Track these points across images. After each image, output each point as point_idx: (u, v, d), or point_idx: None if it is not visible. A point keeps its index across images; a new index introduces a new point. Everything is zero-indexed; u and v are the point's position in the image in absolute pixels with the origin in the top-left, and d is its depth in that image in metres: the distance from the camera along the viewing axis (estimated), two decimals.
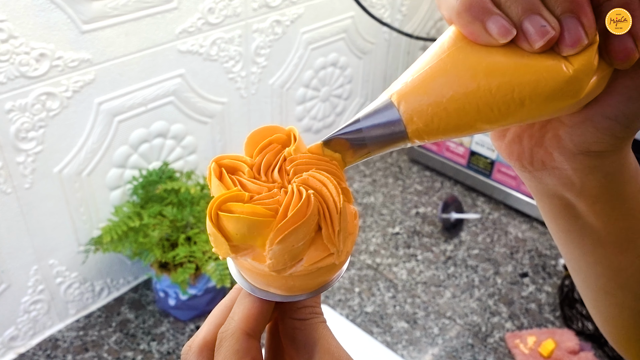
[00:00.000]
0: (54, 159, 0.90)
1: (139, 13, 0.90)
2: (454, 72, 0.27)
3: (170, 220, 0.98)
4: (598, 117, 0.29)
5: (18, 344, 1.01)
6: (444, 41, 0.28)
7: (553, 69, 0.26)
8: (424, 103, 0.27)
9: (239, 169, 0.30)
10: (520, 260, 1.26)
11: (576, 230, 0.35)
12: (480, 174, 1.41)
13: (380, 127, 0.28)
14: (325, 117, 1.39)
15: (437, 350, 1.05)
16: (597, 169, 0.31)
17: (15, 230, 0.91)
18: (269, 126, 0.31)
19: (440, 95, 0.27)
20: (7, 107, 0.81)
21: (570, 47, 0.25)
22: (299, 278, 0.28)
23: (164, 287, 1.04)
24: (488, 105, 0.27)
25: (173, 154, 1.08)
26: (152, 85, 0.97)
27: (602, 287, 0.37)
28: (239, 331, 0.29)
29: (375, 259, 1.24)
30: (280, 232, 0.26)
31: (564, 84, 0.26)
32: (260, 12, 1.08)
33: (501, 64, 0.26)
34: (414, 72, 0.28)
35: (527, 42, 0.26)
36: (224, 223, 0.27)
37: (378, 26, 1.36)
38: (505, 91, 0.26)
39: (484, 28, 0.26)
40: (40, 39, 0.80)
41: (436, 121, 0.27)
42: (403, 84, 0.28)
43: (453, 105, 0.27)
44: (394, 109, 0.28)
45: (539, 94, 0.26)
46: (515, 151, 0.34)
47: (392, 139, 0.28)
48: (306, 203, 0.27)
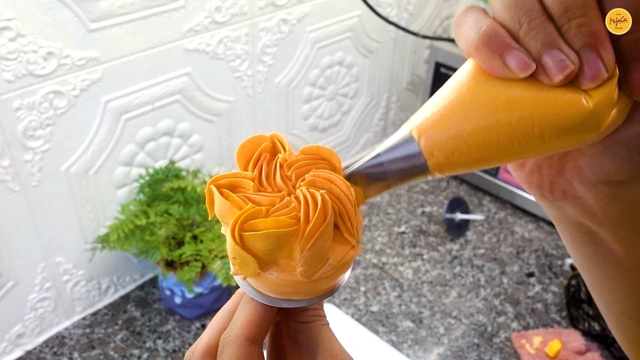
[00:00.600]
0: (61, 157, 0.90)
1: (146, 12, 0.90)
2: (473, 106, 0.27)
3: (176, 218, 0.98)
4: (618, 148, 0.29)
5: (25, 341, 1.02)
6: (463, 74, 0.28)
7: (573, 103, 0.26)
8: (444, 137, 0.27)
9: (240, 186, 0.29)
10: (526, 260, 1.25)
11: (599, 258, 0.35)
12: (487, 173, 1.41)
13: (401, 161, 0.29)
14: (331, 116, 1.39)
15: (442, 349, 1.05)
16: (618, 198, 0.31)
17: (22, 228, 0.91)
18: (254, 137, 0.31)
19: (460, 129, 0.27)
20: (15, 105, 0.81)
21: (590, 81, 0.25)
22: (325, 280, 0.29)
23: (170, 285, 1.04)
24: (508, 139, 0.27)
25: (179, 153, 1.09)
26: (158, 83, 0.98)
27: (627, 313, 0.37)
28: (241, 337, 0.29)
29: (381, 258, 1.24)
30: (309, 238, 0.26)
31: (584, 117, 0.26)
32: (267, 11, 1.08)
33: (521, 98, 0.26)
34: (434, 105, 0.28)
35: (547, 76, 0.26)
36: (251, 243, 0.26)
37: (384, 25, 1.35)
38: (526, 124, 0.26)
39: (503, 62, 0.26)
40: (48, 38, 0.81)
41: (457, 155, 0.27)
42: (423, 118, 0.28)
43: (473, 139, 0.27)
44: (414, 143, 0.28)
45: (559, 127, 0.26)
46: (535, 181, 0.34)
47: (413, 172, 0.29)
48: (323, 204, 0.27)
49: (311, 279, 0.28)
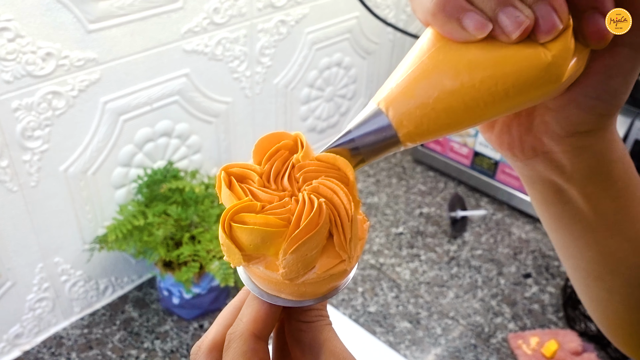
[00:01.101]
0: (59, 157, 0.91)
1: (145, 13, 0.90)
2: (436, 72, 0.27)
3: (174, 219, 0.98)
4: (581, 98, 0.30)
5: (23, 342, 1.02)
6: (423, 44, 0.28)
7: (532, 57, 0.26)
8: (411, 106, 0.28)
9: (249, 178, 0.30)
10: (523, 260, 1.26)
11: (567, 216, 0.36)
12: (484, 174, 1.41)
13: (372, 134, 0.29)
14: (329, 117, 1.39)
15: (439, 350, 1.05)
16: (585, 150, 0.32)
17: (20, 228, 0.91)
18: (276, 132, 0.31)
19: (426, 96, 0.27)
20: (14, 105, 0.81)
21: (545, 33, 0.26)
22: (310, 285, 0.29)
23: (168, 286, 1.04)
24: (474, 100, 0.27)
25: (178, 153, 1.09)
26: (157, 84, 0.98)
27: (592, 272, 0.38)
28: (247, 332, 0.29)
29: (379, 259, 1.24)
30: (293, 242, 0.26)
31: (544, 70, 0.26)
32: (265, 12, 1.08)
33: (481, 59, 0.27)
34: (398, 77, 0.29)
35: (504, 34, 0.26)
36: (237, 234, 0.27)
37: (382, 26, 1.36)
38: (489, 84, 0.27)
39: (460, 25, 0.26)
40: (46, 38, 0.81)
41: (425, 122, 0.28)
42: (389, 90, 0.28)
43: (440, 104, 0.27)
44: (382, 116, 0.28)
45: (521, 82, 0.27)
46: (506, 141, 0.35)
47: (385, 144, 0.29)
48: (318, 212, 0.27)
49: (293, 282, 0.28)
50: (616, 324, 0.39)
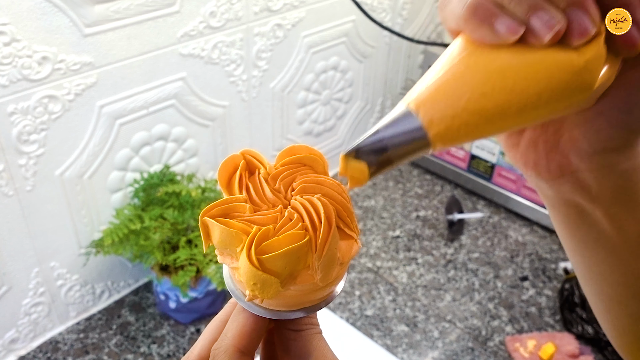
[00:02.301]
0: (55, 161, 0.90)
1: (141, 17, 0.90)
2: (468, 74, 0.27)
3: (171, 223, 0.98)
4: (611, 112, 0.29)
5: (19, 347, 1.01)
6: (454, 49, 0.28)
7: (564, 61, 0.26)
8: (443, 107, 0.27)
9: (235, 210, 0.29)
10: (520, 263, 1.26)
11: (591, 239, 0.35)
12: (481, 177, 1.42)
13: (401, 135, 0.28)
14: (326, 121, 1.39)
15: (437, 353, 1.05)
16: (613, 169, 0.31)
17: (16, 232, 0.91)
18: (228, 158, 0.30)
19: (458, 98, 0.27)
20: (10, 109, 0.81)
21: (578, 37, 0.26)
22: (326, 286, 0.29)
23: (165, 290, 1.04)
24: (506, 103, 0.27)
25: (174, 157, 1.09)
26: (153, 88, 0.98)
27: (615, 297, 0.37)
28: (231, 348, 0.29)
29: (376, 262, 1.24)
30: (322, 244, 0.27)
31: (577, 75, 0.26)
32: (261, 16, 1.08)
33: (513, 62, 0.27)
34: (428, 80, 0.28)
35: (536, 37, 0.26)
36: (271, 264, 0.26)
37: (379, 30, 1.36)
38: (521, 87, 0.26)
39: (492, 29, 0.26)
40: (42, 42, 0.81)
41: (457, 124, 0.27)
42: (419, 92, 0.28)
43: (472, 106, 0.27)
44: (413, 117, 0.28)
45: (553, 87, 0.26)
46: (532, 159, 0.34)
47: (415, 146, 0.28)
48: (325, 208, 0.27)
49: (328, 282, 0.28)
50: (638, 349, 0.38)
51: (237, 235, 0.27)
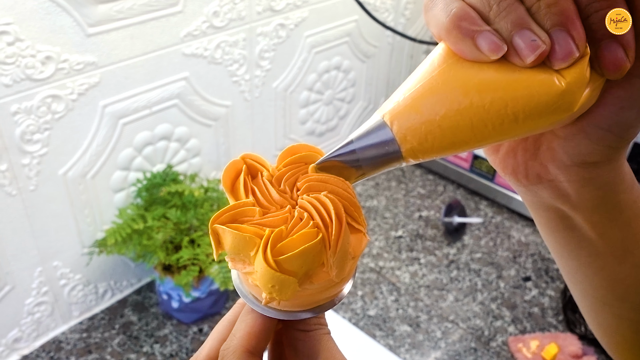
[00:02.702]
0: (58, 161, 0.90)
1: (144, 16, 0.90)
2: (445, 89, 0.27)
3: (174, 222, 0.98)
4: (591, 128, 0.29)
5: (21, 346, 1.01)
6: (434, 58, 0.28)
7: (545, 83, 0.25)
8: (417, 122, 0.27)
9: (245, 215, 0.29)
10: (523, 264, 1.26)
11: (573, 243, 0.35)
12: (483, 177, 1.41)
13: (374, 147, 0.28)
14: (328, 121, 1.39)
15: (439, 354, 1.05)
16: (592, 181, 0.31)
17: (19, 232, 0.91)
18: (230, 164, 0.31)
19: (433, 113, 0.27)
20: (13, 109, 0.81)
21: (561, 60, 0.25)
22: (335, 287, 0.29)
23: (168, 290, 1.04)
24: (482, 122, 0.26)
25: (177, 157, 1.09)
26: (156, 88, 0.98)
27: (600, 299, 0.37)
28: (240, 349, 0.29)
29: (378, 263, 1.24)
30: (335, 240, 0.27)
31: (557, 97, 0.26)
32: (264, 16, 1.08)
33: (493, 80, 0.26)
34: (405, 90, 0.28)
35: (519, 57, 0.25)
36: (288, 264, 0.26)
37: (381, 30, 1.36)
38: (499, 107, 0.26)
39: (474, 45, 0.26)
40: (46, 42, 0.81)
41: (430, 139, 0.27)
42: (395, 103, 0.28)
43: (446, 122, 0.26)
44: (387, 129, 0.27)
45: (532, 108, 0.26)
46: (510, 165, 0.34)
47: (387, 159, 0.28)
48: (334, 205, 0.27)
49: (342, 277, 0.28)
50: (625, 349, 0.38)
51: (250, 239, 0.27)
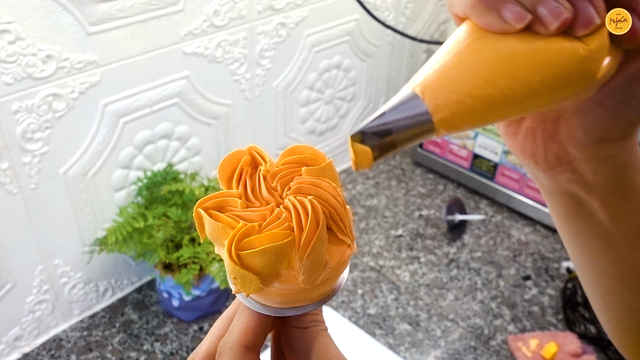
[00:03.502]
0: (59, 159, 0.91)
1: (145, 15, 0.90)
2: (475, 60, 0.27)
3: (174, 221, 0.98)
4: (610, 102, 0.30)
5: (22, 344, 1.02)
6: (460, 35, 0.28)
7: (570, 50, 0.26)
8: (449, 92, 0.27)
9: (228, 205, 0.29)
10: (523, 263, 1.26)
11: (587, 230, 0.36)
12: (484, 176, 1.42)
13: (407, 119, 0.28)
14: (329, 120, 1.40)
15: (439, 352, 1.05)
16: (609, 160, 0.32)
17: (20, 230, 0.91)
18: (232, 153, 0.31)
19: (463, 83, 0.27)
20: (14, 108, 0.81)
21: (583, 27, 0.26)
22: (324, 283, 0.29)
23: (168, 288, 1.04)
24: (511, 89, 0.27)
25: (178, 156, 1.09)
26: (157, 86, 0.98)
27: (612, 289, 0.37)
28: (237, 344, 0.29)
29: (378, 261, 1.24)
30: (305, 246, 0.26)
31: (581, 64, 0.27)
32: (265, 15, 1.08)
33: (519, 50, 0.27)
34: (434, 64, 0.28)
35: (543, 25, 0.26)
36: (249, 260, 0.27)
37: (382, 29, 1.36)
38: (526, 74, 0.27)
39: (499, 16, 0.26)
40: (47, 41, 0.81)
41: (462, 108, 0.27)
42: (425, 76, 0.28)
43: (477, 92, 0.27)
44: (419, 100, 0.28)
45: (557, 75, 0.27)
46: (529, 148, 0.34)
47: (420, 130, 0.28)
48: (314, 210, 0.27)
49: (313, 284, 0.28)
50: (635, 342, 0.39)
51: (223, 229, 0.27)
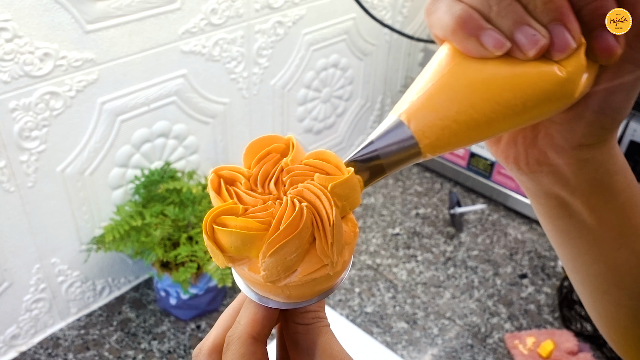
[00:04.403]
0: (57, 158, 0.90)
1: (143, 13, 0.90)
2: (457, 86, 0.28)
3: (172, 219, 0.98)
4: (586, 112, 0.31)
5: (19, 343, 1.01)
6: (441, 58, 0.29)
7: (548, 73, 0.28)
8: (433, 118, 0.29)
9: (237, 180, 0.30)
10: (519, 261, 1.26)
11: (572, 230, 0.37)
12: (480, 175, 1.42)
13: (394, 145, 0.29)
14: (326, 118, 1.40)
15: (436, 350, 1.05)
16: (588, 162, 0.33)
17: (17, 228, 0.91)
18: (268, 136, 0.31)
19: (447, 109, 0.28)
20: (11, 106, 0.81)
21: (560, 52, 0.27)
22: (295, 288, 0.29)
23: (165, 287, 1.04)
24: (494, 113, 0.28)
25: (175, 154, 1.09)
26: (154, 85, 0.98)
27: (599, 287, 0.38)
28: (245, 335, 0.30)
29: (376, 260, 1.24)
30: (272, 245, 0.26)
31: (560, 86, 0.28)
32: (262, 13, 1.08)
33: (500, 74, 0.28)
34: (418, 90, 0.29)
35: (521, 51, 0.27)
36: (219, 236, 0.27)
37: (379, 28, 1.36)
38: (508, 98, 0.28)
39: (479, 43, 0.27)
40: (44, 39, 0.81)
41: (447, 133, 0.29)
42: (409, 102, 0.29)
43: (461, 117, 0.28)
44: (404, 127, 0.29)
45: (538, 97, 0.28)
46: (512, 155, 0.36)
47: (407, 156, 0.30)
48: (299, 216, 0.27)
49: (275, 284, 0.28)
50: (626, 338, 0.39)
51: (216, 200, 0.28)
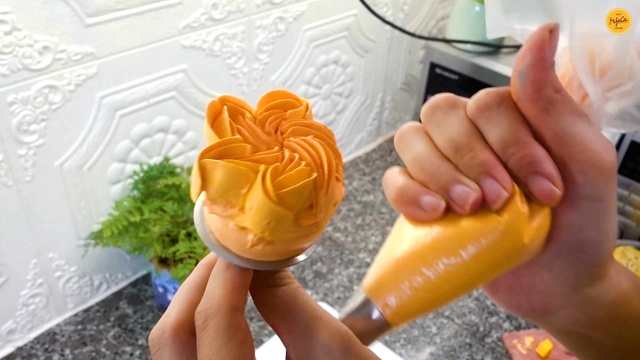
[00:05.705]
0: (55, 152, 0.90)
1: (143, 7, 0.90)
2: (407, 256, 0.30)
3: (170, 215, 0.98)
4: (565, 252, 0.30)
5: (16, 337, 1.01)
6: (397, 228, 0.32)
7: (487, 225, 0.28)
8: (391, 290, 0.30)
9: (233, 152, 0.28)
10: None
11: (601, 355, 0.36)
12: None
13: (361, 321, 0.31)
14: (326, 115, 1.39)
15: (434, 349, 1.05)
16: (595, 302, 0.32)
17: (15, 223, 0.90)
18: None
19: (402, 279, 0.30)
20: (10, 99, 0.80)
21: (494, 202, 0.28)
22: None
23: (164, 283, 1.04)
24: (448, 273, 0.29)
25: (174, 149, 1.08)
26: (154, 80, 0.97)
27: None
28: (225, 306, 0.27)
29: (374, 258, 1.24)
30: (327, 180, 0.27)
31: (501, 235, 0.28)
32: (263, 9, 1.08)
33: (446, 234, 0.29)
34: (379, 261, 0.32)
35: (458, 207, 0.29)
36: (287, 199, 0.26)
37: (380, 24, 1.36)
38: (456, 256, 0.29)
39: (419, 208, 0.29)
40: (43, 32, 0.80)
41: (408, 304, 0.30)
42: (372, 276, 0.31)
43: (417, 285, 0.29)
44: (370, 303, 0.31)
45: (485, 250, 0.29)
46: (514, 303, 0.35)
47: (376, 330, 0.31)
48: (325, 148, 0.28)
49: (327, 222, 0.29)
50: None
51: (246, 174, 0.26)
